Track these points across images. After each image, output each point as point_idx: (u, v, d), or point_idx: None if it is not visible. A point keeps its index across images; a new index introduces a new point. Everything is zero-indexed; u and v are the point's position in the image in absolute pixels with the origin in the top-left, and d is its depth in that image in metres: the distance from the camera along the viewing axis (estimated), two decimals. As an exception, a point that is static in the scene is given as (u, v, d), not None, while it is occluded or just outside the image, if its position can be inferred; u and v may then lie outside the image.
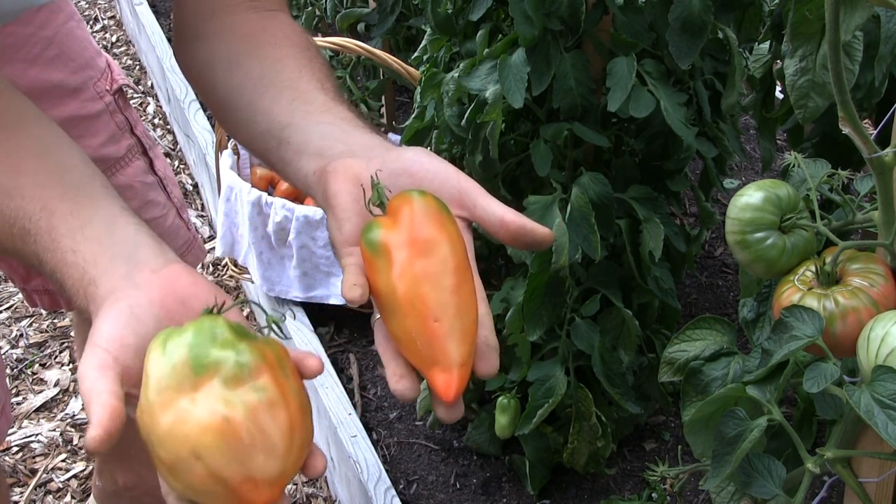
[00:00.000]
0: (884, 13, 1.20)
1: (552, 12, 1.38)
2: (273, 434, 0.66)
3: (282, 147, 0.84)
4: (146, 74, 3.56)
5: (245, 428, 0.65)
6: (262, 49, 0.91)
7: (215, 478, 0.65)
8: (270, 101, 0.87)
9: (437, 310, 0.68)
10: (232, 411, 0.65)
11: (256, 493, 0.65)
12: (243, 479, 0.65)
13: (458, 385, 0.68)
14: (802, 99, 1.01)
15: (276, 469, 0.66)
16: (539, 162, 1.45)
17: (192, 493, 0.66)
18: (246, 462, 0.65)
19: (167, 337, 0.68)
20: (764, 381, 0.90)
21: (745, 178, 2.60)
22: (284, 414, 0.67)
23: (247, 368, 0.67)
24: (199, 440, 0.64)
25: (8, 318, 2.50)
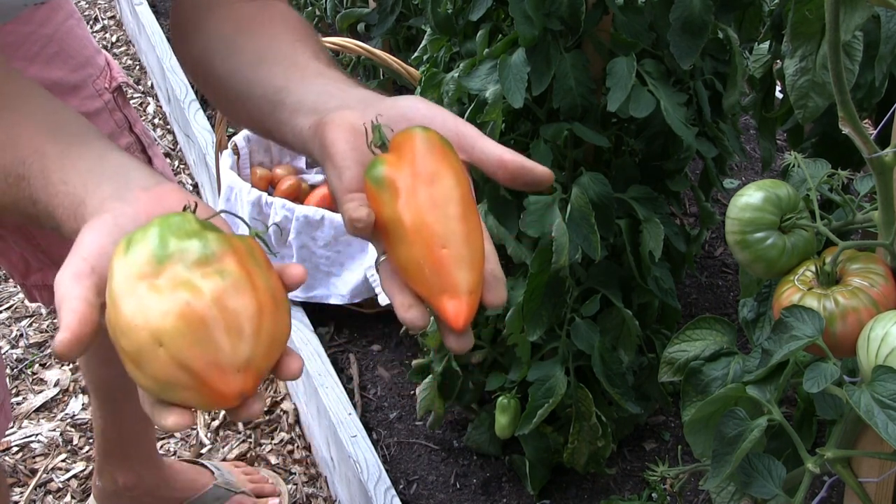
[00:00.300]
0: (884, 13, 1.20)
1: (552, 12, 1.38)
2: (238, 316, 0.63)
3: (277, 109, 0.83)
4: (146, 74, 3.56)
5: (207, 309, 0.62)
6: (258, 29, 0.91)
7: (179, 364, 0.62)
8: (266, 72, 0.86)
9: (445, 237, 0.67)
10: (193, 293, 0.63)
11: (223, 381, 0.62)
12: (207, 363, 0.62)
13: (467, 312, 0.66)
14: (802, 99, 1.01)
15: (243, 353, 0.63)
16: (539, 162, 1.45)
17: (158, 386, 0.63)
18: (210, 346, 0.62)
19: (133, 233, 0.66)
20: (764, 381, 0.90)
21: (745, 178, 2.60)
22: (251, 297, 0.64)
23: (212, 254, 0.65)
24: (160, 325, 0.62)
25: (8, 318, 2.50)
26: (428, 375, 1.75)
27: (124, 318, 0.63)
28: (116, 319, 0.64)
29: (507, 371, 1.69)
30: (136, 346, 0.62)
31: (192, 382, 0.62)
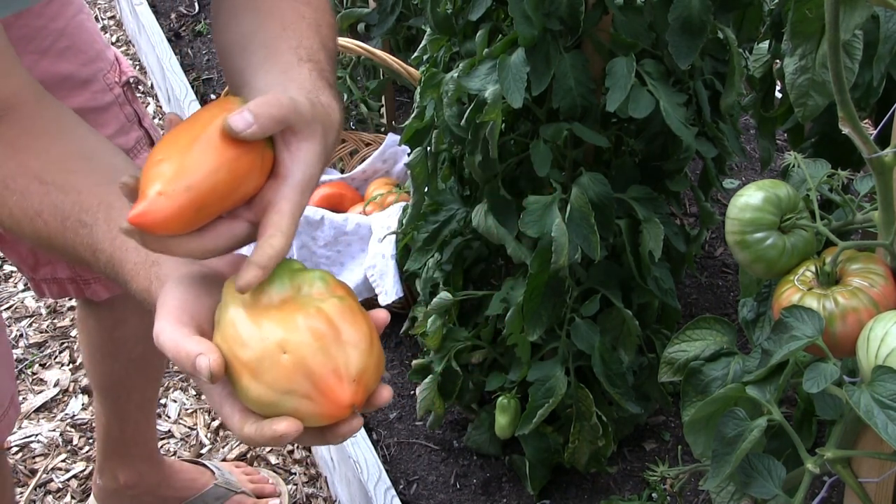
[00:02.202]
0: (883, 13, 1.20)
1: (552, 12, 1.38)
2: (355, 333, 0.69)
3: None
4: (146, 74, 3.56)
5: (329, 324, 0.68)
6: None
7: (302, 369, 0.66)
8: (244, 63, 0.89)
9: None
10: (316, 311, 0.68)
11: (341, 389, 0.67)
12: (329, 370, 0.67)
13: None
14: (802, 97, 1.01)
15: (358, 365, 0.68)
16: (538, 162, 1.45)
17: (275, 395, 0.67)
18: (331, 355, 0.67)
19: None
20: (764, 381, 0.90)
21: (745, 178, 2.60)
22: (364, 319, 0.71)
23: (327, 284, 0.72)
24: (287, 335, 0.67)
25: (8, 318, 2.49)
26: (428, 375, 1.75)
27: (246, 330, 0.68)
28: (235, 333, 0.69)
29: (507, 371, 1.69)
30: (258, 354, 0.67)
31: (311, 390, 0.67)
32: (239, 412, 0.72)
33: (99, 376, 1.68)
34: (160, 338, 0.73)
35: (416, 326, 1.76)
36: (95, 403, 1.73)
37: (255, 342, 0.67)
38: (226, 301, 0.72)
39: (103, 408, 1.71)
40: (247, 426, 0.71)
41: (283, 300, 0.70)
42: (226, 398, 0.74)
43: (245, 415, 0.72)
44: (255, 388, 0.68)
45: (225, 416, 0.74)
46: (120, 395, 1.68)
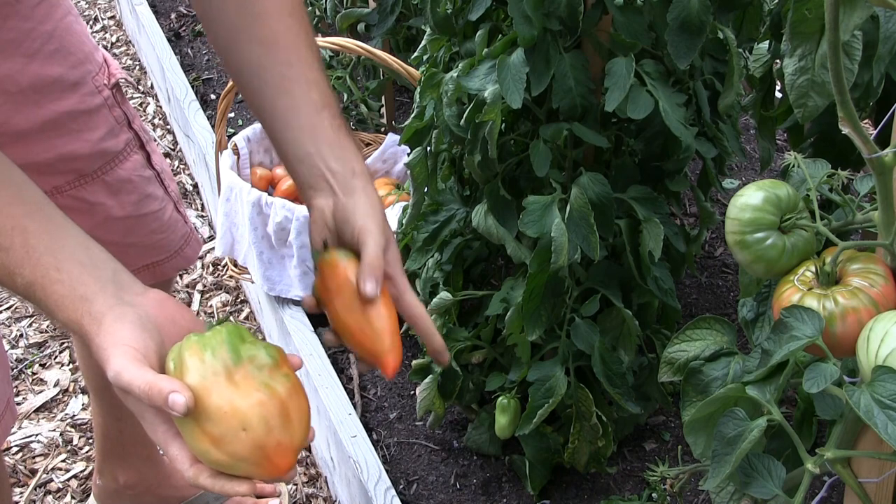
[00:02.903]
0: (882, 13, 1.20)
1: (551, 12, 1.38)
2: (296, 413, 0.84)
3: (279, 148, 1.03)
4: (146, 74, 3.56)
5: (280, 407, 0.83)
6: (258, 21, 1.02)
7: (256, 445, 0.81)
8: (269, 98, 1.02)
9: (359, 326, 0.96)
10: (270, 392, 0.83)
11: (284, 458, 0.83)
12: (277, 445, 0.82)
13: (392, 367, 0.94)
14: (801, 98, 1.01)
15: (298, 439, 0.84)
16: (538, 162, 1.45)
17: (231, 461, 0.82)
18: (279, 433, 0.82)
19: (200, 338, 0.84)
20: (764, 381, 0.90)
21: (745, 178, 2.60)
22: (303, 397, 0.86)
23: (274, 361, 0.85)
24: (247, 416, 0.81)
25: (8, 318, 2.50)
26: (428, 375, 1.75)
27: (213, 405, 0.81)
28: (203, 407, 0.81)
29: (507, 371, 1.69)
30: (222, 430, 0.81)
31: (262, 460, 0.82)
32: (189, 458, 0.83)
33: (93, 376, 1.68)
34: (124, 375, 0.81)
35: (416, 326, 1.76)
36: (92, 404, 1.73)
37: (221, 418, 0.80)
38: (183, 361, 0.83)
39: (100, 408, 1.71)
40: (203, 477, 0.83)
41: (240, 372, 0.83)
42: (172, 438, 0.84)
43: (197, 463, 0.83)
44: (215, 454, 0.81)
45: (171, 455, 0.84)
46: (115, 394, 1.68)
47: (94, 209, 1.37)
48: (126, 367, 0.81)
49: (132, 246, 1.44)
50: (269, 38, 1.02)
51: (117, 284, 0.87)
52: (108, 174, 1.37)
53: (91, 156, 1.34)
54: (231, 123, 2.92)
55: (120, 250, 1.41)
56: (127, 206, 1.40)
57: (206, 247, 2.71)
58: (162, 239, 1.49)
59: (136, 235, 1.44)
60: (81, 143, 1.32)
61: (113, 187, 1.38)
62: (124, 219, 1.41)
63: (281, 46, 1.02)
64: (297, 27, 1.03)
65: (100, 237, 1.38)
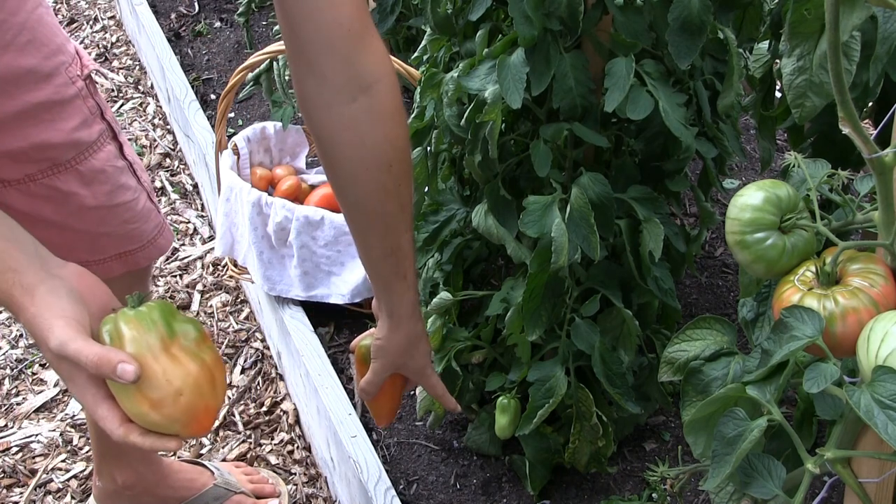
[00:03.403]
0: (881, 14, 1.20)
1: (551, 12, 1.38)
2: (220, 378, 0.98)
3: (376, 300, 1.32)
4: (146, 74, 3.56)
5: (209, 374, 0.95)
6: (361, 178, 1.18)
7: (189, 409, 0.93)
8: (371, 269, 1.27)
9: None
10: (202, 365, 0.95)
11: (209, 420, 0.96)
12: (205, 408, 0.95)
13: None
14: (799, 98, 1.01)
15: (220, 401, 0.98)
16: (538, 162, 1.45)
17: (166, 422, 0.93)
18: (209, 397, 0.95)
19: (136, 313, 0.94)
20: (764, 382, 0.90)
21: (745, 178, 2.60)
22: (222, 365, 0.99)
23: (201, 334, 0.98)
24: (184, 384, 0.93)
25: (8, 317, 2.50)
26: (428, 375, 1.75)
27: (154, 375, 0.92)
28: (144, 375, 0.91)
29: (507, 371, 1.69)
30: (161, 395, 0.92)
31: (191, 421, 0.94)
32: (118, 418, 0.92)
33: None
34: (71, 345, 0.88)
35: (416, 326, 1.76)
36: None
37: (161, 387, 0.92)
38: (121, 333, 0.92)
39: None
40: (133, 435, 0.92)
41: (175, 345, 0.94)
42: (102, 401, 0.93)
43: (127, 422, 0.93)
44: (152, 416, 0.92)
45: (99, 416, 0.93)
46: None
47: (68, 199, 1.37)
48: (73, 338, 0.88)
49: (105, 235, 1.44)
50: (358, 198, 1.21)
51: (41, 258, 0.94)
52: (82, 164, 1.37)
53: (64, 145, 1.34)
54: (231, 123, 2.92)
55: (93, 239, 1.43)
56: (100, 195, 1.40)
57: (206, 247, 2.71)
58: (135, 229, 1.49)
59: (110, 225, 1.44)
60: (55, 133, 1.33)
61: (86, 177, 1.38)
62: (97, 208, 1.41)
63: (369, 209, 1.21)
64: (391, 183, 1.18)
65: (73, 226, 1.39)
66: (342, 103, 1.12)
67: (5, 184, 1.31)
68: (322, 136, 1.17)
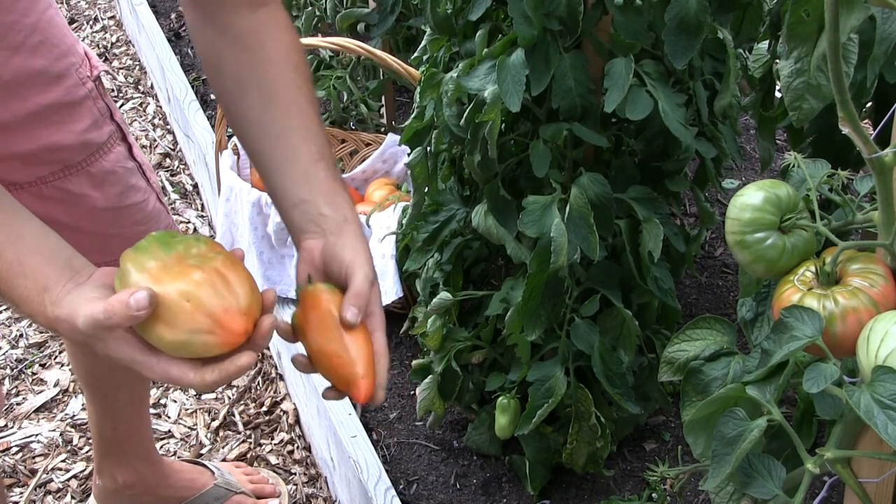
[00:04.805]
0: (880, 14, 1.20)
1: (551, 12, 1.38)
2: (239, 278, 0.90)
3: (274, 192, 1.08)
4: (146, 74, 3.56)
5: (217, 275, 0.88)
6: (259, 72, 1.08)
7: (204, 313, 0.86)
8: (268, 151, 1.08)
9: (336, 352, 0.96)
10: (205, 266, 0.88)
11: (235, 321, 0.87)
12: (224, 310, 0.87)
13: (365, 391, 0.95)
14: (797, 100, 1.01)
15: (244, 301, 0.88)
16: (537, 162, 1.45)
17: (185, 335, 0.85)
18: (223, 297, 0.87)
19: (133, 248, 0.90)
20: (764, 382, 0.90)
21: (745, 178, 2.60)
22: (242, 268, 0.92)
23: (206, 245, 0.92)
24: (186, 287, 0.86)
25: (8, 318, 2.50)
26: (428, 375, 1.75)
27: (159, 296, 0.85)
28: None
29: (507, 371, 1.69)
30: (168, 310, 0.85)
31: (212, 325, 0.86)
32: (187, 365, 0.87)
33: (84, 374, 1.68)
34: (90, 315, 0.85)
35: (416, 326, 1.77)
36: (87, 403, 1.74)
37: (162, 299, 0.85)
38: (126, 269, 0.88)
39: (94, 406, 1.71)
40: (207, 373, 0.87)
41: (176, 262, 0.88)
42: (169, 363, 0.88)
43: (195, 365, 0.87)
44: (169, 333, 0.85)
45: (176, 377, 0.87)
46: (107, 392, 1.69)
47: (79, 200, 1.37)
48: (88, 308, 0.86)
49: (116, 237, 1.44)
50: (271, 90, 1.08)
51: (72, 270, 0.92)
52: (93, 165, 1.38)
53: (75, 147, 1.35)
54: (231, 123, 2.92)
55: (104, 241, 1.43)
56: (111, 197, 1.41)
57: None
58: (145, 230, 1.49)
59: (120, 226, 1.44)
60: (66, 135, 1.33)
61: (97, 178, 1.38)
62: (108, 210, 1.41)
63: (282, 98, 1.08)
64: (300, 80, 1.09)
65: (84, 228, 1.39)
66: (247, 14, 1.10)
67: (17, 187, 1.31)
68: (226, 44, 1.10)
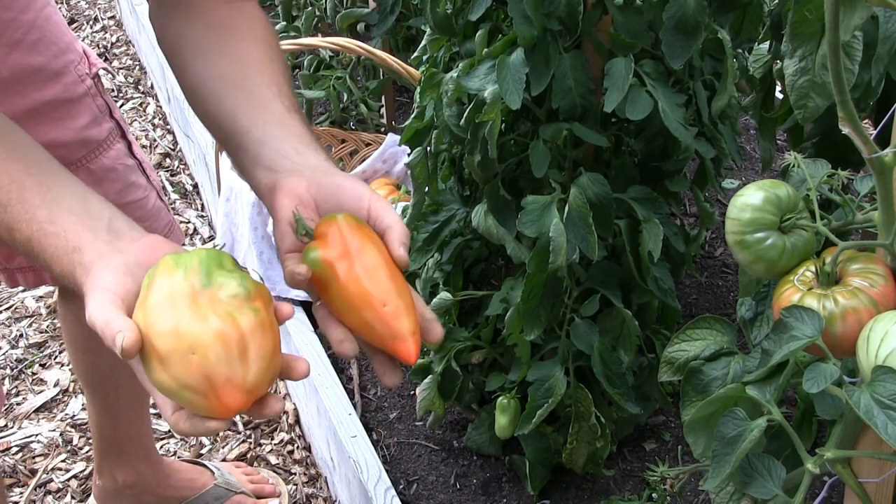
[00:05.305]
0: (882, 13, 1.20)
1: (551, 12, 1.38)
2: (260, 351, 0.76)
3: (240, 152, 0.95)
4: (146, 74, 3.56)
5: (240, 338, 0.75)
6: (229, 43, 1.00)
7: (203, 374, 0.74)
8: (233, 105, 0.97)
9: (383, 297, 0.83)
10: (230, 321, 0.75)
11: (232, 395, 0.75)
12: (226, 380, 0.75)
13: (416, 349, 0.82)
14: (802, 99, 1.01)
15: (254, 380, 0.76)
16: (536, 162, 1.45)
17: (175, 386, 0.75)
18: (233, 367, 0.75)
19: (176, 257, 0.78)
20: (764, 381, 0.90)
21: (745, 178, 2.60)
22: (271, 337, 0.78)
23: (247, 292, 0.78)
24: (199, 338, 0.74)
25: (8, 318, 2.50)
26: (428, 375, 1.75)
27: (166, 322, 0.75)
28: (156, 321, 0.75)
29: (507, 371, 1.69)
30: (170, 349, 0.74)
31: (208, 391, 0.74)
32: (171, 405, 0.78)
33: (84, 373, 1.68)
34: (92, 315, 0.77)
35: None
36: (87, 402, 1.74)
37: (169, 336, 0.74)
38: (153, 280, 0.78)
39: (94, 406, 1.71)
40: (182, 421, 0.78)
41: (205, 296, 0.76)
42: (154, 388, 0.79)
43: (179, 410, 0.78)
44: (161, 374, 0.75)
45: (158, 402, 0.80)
46: (108, 391, 1.69)
47: None
48: (95, 308, 0.78)
49: None
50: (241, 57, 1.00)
51: (112, 232, 0.85)
52: (93, 162, 1.38)
53: (74, 144, 1.35)
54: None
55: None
56: (111, 194, 1.41)
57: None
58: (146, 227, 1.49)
59: None
60: (65, 131, 1.33)
61: (97, 175, 1.38)
62: None
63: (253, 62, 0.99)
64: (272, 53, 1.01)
65: None
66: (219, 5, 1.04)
67: None
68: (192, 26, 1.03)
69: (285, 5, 2.88)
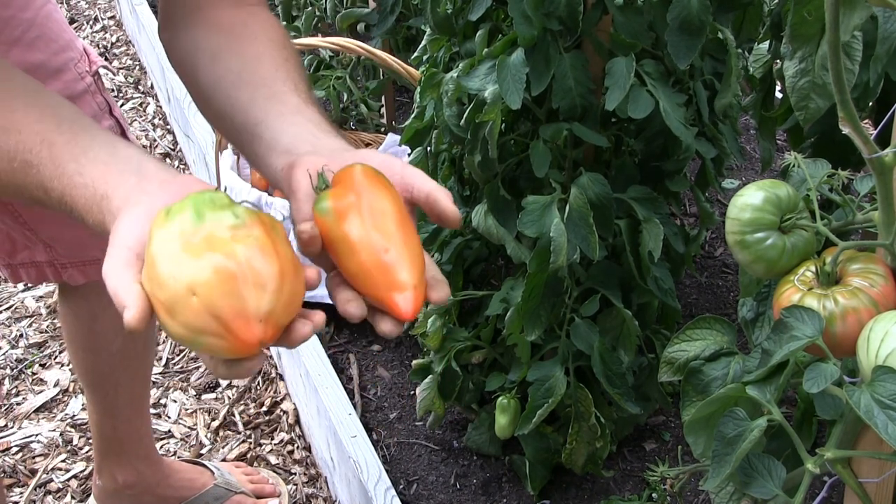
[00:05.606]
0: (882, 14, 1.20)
1: (551, 12, 1.38)
2: (263, 275, 0.71)
3: (255, 141, 0.92)
4: (146, 74, 3.56)
5: (237, 267, 0.70)
6: (242, 44, 0.99)
7: (210, 312, 0.69)
8: (247, 98, 0.95)
9: (386, 244, 0.77)
10: (226, 253, 0.71)
11: (248, 329, 0.70)
12: (235, 313, 0.69)
13: (415, 304, 0.76)
14: (803, 100, 1.01)
15: (265, 306, 0.70)
16: (537, 162, 1.45)
17: (189, 334, 0.71)
18: (237, 297, 0.70)
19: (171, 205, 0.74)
20: (764, 382, 0.90)
21: (745, 178, 2.60)
22: (275, 260, 0.72)
23: (242, 222, 0.73)
24: (195, 278, 0.69)
25: (8, 318, 2.50)
26: (428, 375, 1.75)
27: (162, 271, 0.71)
28: (154, 273, 0.71)
29: (507, 371, 1.69)
30: (171, 296, 0.70)
31: (220, 329, 0.70)
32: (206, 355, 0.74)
33: (84, 372, 1.68)
34: (106, 280, 0.74)
35: (416, 326, 1.77)
36: (87, 402, 1.74)
37: (168, 284, 0.70)
38: (150, 235, 0.74)
39: (94, 405, 1.72)
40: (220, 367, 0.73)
41: (198, 235, 0.72)
42: None
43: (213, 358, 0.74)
44: (172, 326, 0.71)
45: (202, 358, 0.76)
46: (107, 391, 1.69)
47: None
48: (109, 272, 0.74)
49: None
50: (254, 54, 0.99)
51: (140, 175, 0.80)
52: None
53: None
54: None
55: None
56: None
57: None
58: None
59: None
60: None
61: None
62: None
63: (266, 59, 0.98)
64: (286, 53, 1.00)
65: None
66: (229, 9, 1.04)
67: None
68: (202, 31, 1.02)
69: (285, 5, 2.89)
